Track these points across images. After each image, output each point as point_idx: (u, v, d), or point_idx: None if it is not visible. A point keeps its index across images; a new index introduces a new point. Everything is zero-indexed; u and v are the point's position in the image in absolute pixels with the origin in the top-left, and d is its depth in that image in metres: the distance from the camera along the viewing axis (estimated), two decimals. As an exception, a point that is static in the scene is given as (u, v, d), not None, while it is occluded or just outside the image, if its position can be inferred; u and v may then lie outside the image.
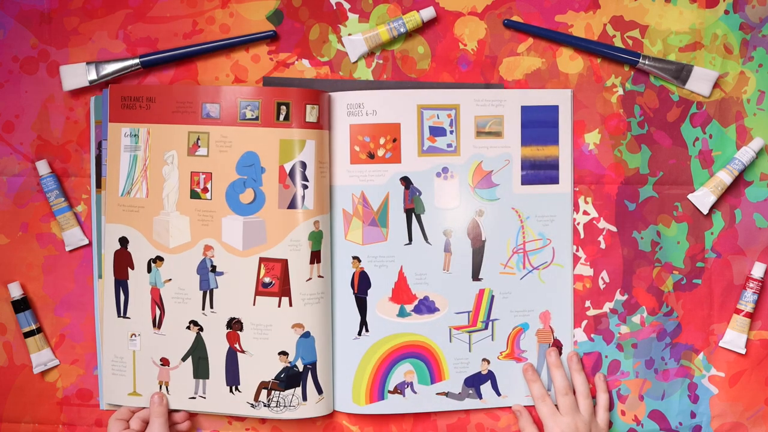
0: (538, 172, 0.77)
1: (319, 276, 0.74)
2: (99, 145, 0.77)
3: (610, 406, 0.78)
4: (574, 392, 0.76)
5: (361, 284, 0.76)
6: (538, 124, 0.77)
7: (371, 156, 0.76)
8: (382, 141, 0.76)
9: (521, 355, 0.78)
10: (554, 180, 0.77)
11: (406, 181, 0.76)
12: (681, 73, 0.76)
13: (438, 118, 0.76)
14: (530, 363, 0.78)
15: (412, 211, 0.77)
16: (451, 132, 0.77)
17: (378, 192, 0.76)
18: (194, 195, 0.74)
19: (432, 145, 0.76)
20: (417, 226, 0.77)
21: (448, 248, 0.77)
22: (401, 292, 0.76)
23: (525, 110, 0.77)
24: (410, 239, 0.77)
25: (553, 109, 0.77)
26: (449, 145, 0.77)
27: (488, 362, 0.78)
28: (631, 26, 0.77)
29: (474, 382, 0.77)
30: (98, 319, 0.78)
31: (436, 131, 0.76)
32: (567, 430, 0.73)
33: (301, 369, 0.74)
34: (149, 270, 0.75)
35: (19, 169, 0.78)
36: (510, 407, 0.78)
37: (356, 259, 0.76)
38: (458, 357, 0.77)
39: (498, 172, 0.77)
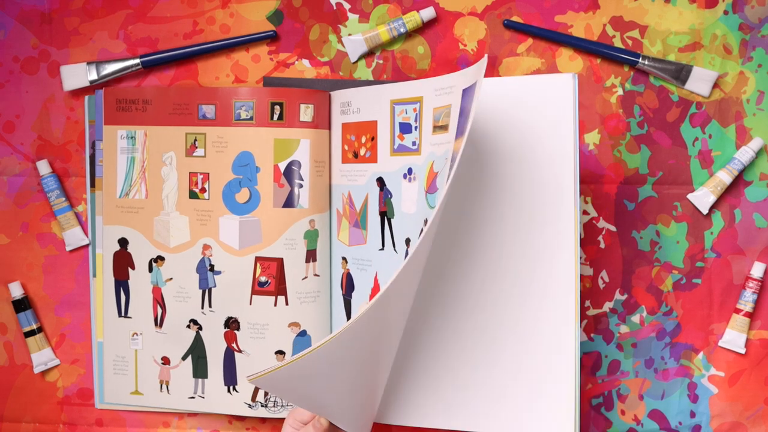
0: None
1: (315, 275, 0.74)
2: (93, 145, 0.77)
3: (610, 406, 0.78)
4: None
5: (348, 286, 0.74)
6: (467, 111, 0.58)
7: (355, 155, 0.73)
8: (363, 140, 0.72)
9: None
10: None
11: (381, 183, 0.70)
12: (680, 74, 0.76)
13: (406, 113, 0.68)
14: None
15: (385, 214, 0.70)
16: (416, 128, 0.67)
17: (360, 192, 0.72)
18: (193, 195, 0.74)
19: (401, 144, 0.68)
20: (389, 231, 0.70)
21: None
22: None
23: (466, 94, 0.59)
24: (383, 245, 0.70)
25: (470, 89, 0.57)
26: (414, 143, 0.67)
27: None
28: (631, 26, 0.77)
29: None
30: (93, 317, 0.78)
31: (405, 128, 0.68)
32: None
33: None
34: (150, 269, 0.76)
35: (19, 169, 0.78)
36: None
37: (344, 259, 0.74)
38: None
39: (441, 173, 0.62)
